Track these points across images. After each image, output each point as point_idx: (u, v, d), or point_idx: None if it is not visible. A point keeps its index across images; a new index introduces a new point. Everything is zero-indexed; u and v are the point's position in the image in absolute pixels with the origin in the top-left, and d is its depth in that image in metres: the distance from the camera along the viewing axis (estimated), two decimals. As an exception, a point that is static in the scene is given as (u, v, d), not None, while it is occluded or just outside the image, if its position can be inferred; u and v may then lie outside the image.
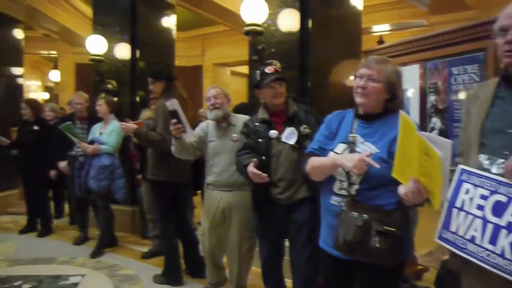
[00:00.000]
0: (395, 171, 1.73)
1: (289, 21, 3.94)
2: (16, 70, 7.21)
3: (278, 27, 3.98)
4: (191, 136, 3.11)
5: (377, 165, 1.81)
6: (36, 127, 5.41)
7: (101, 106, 4.75)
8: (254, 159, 2.64)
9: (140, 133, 3.67)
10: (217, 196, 3.18)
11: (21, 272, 4.19)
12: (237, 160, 2.84)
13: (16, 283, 3.93)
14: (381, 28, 8.81)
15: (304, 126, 2.73)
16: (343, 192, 1.99)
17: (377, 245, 1.82)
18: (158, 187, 3.78)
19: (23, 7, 7.25)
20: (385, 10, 8.17)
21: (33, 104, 5.59)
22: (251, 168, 2.59)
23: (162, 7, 6.04)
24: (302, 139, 2.68)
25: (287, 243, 2.90)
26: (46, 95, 13.62)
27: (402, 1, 7.49)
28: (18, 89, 7.33)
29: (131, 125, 3.70)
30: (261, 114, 2.86)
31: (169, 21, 6.15)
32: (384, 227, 1.84)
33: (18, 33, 7.23)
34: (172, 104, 2.92)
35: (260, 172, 2.57)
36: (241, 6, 3.76)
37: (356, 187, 1.95)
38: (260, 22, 3.80)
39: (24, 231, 5.61)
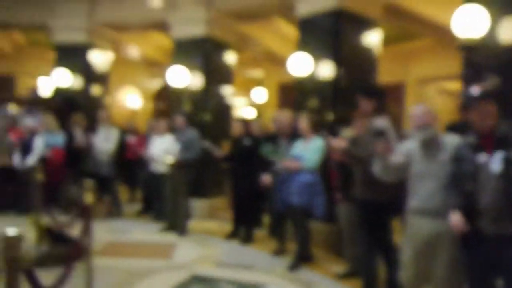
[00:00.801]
0: None
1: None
2: (228, 90, 7.94)
3: (497, 39, 3.48)
4: (397, 157, 2.93)
5: None
6: (246, 142, 5.85)
7: (304, 123, 4.86)
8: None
9: (350, 151, 3.60)
10: (421, 223, 2.94)
11: (225, 275, 4.50)
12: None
13: (221, 285, 4.24)
14: None
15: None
16: None
17: None
18: (365, 206, 3.65)
19: (236, 33, 7.97)
20: None
21: (245, 121, 6.17)
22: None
23: (366, 24, 5.95)
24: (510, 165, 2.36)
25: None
26: (252, 113, 14.81)
27: None
28: (229, 107, 8.06)
29: (340, 143, 3.67)
30: (469, 136, 2.63)
31: (372, 38, 6.03)
32: None
33: (231, 57, 7.97)
34: (382, 122, 2.79)
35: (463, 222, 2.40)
36: (453, 18, 3.40)
37: None
38: (477, 35, 3.39)
39: (229, 236, 6.05)
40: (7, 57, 11.12)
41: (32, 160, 6.51)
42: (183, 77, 7.26)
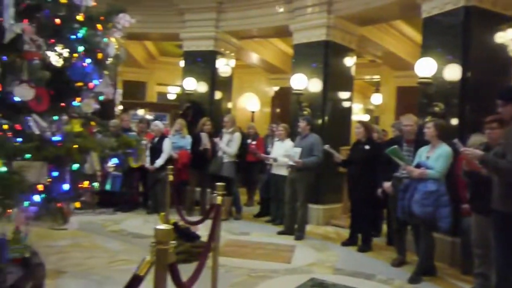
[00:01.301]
0: None
1: None
2: (346, 95, 7.87)
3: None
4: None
5: None
6: (367, 147, 5.75)
7: (430, 129, 4.65)
8: None
9: (488, 160, 3.36)
10: None
11: (343, 282, 4.48)
12: None
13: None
14: None
15: None
16: None
17: None
18: (504, 219, 3.37)
19: (355, 37, 7.88)
20: None
21: (367, 125, 6.02)
22: None
23: (499, 21, 5.49)
24: None
25: None
26: (367, 117, 14.47)
27: None
28: (348, 112, 7.97)
29: (477, 151, 3.44)
30: None
31: (507, 36, 5.54)
32: None
33: (350, 61, 7.89)
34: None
35: None
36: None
37: None
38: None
39: (346, 243, 5.97)
40: (140, 65, 12.23)
41: (161, 161, 7.06)
42: (302, 82, 7.37)
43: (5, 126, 2.61)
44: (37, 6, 2.69)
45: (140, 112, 10.26)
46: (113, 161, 3.35)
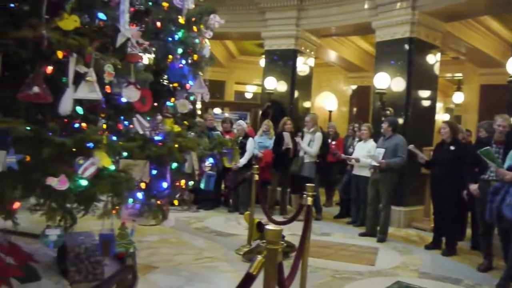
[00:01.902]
0: None
1: None
2: (430, 93, 7.52)
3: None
4: None
5: None
6: (452, 147, 5.53)
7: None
8: None
9: None
10: None
11: (429, 286, 4.35)
12: None
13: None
14: None
15: None
16: None
17: None
18: None
19: (440, 33, 7.51)
20: None
21: (453, 125, 5.78)
22: None
23: None
24: None
25: None
26: (447, 117, 13.78)
27: None
28: (431, 111, 7.63)
29: None
30: None
31: None
32: None
33: (434, 58, 7.52)
34: None
35: None
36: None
37: None
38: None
39: (429, 247, 5.77)
40: (220, 65, 12.45)
41: (244, 160, 7.11)
42: (385, 81, 7.14)
43: (104, 126, 2.71)
44: (145, 11, 2.78)
45: (217, 110, 10.41)
46: (209, 161, 3.42)
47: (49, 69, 2.21)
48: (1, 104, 2.29)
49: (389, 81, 7.17)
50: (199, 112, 6.29)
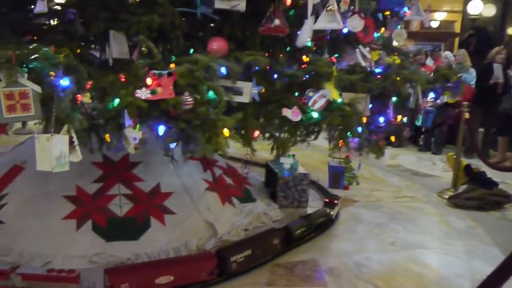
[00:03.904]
0: None
1: None
2: None
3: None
4: None
5: None
6: None
7: None
8: None
9: None
10: None
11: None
12: None
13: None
14: None
15: None
16: None
17: None
18: None
19: None
20: None
21: None
22: None
23: None
24: None
25: None
26: None
27: None
28: None
29: None
30: None
31: None
32: None
33: None
34: None
35: None
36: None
37: None
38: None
39: None
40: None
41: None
42: None
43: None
44: None
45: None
46: (430, 96, 3.15)
47: (288, 1, 2.19)
48: (238, 39, 2.38)
49: None
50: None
